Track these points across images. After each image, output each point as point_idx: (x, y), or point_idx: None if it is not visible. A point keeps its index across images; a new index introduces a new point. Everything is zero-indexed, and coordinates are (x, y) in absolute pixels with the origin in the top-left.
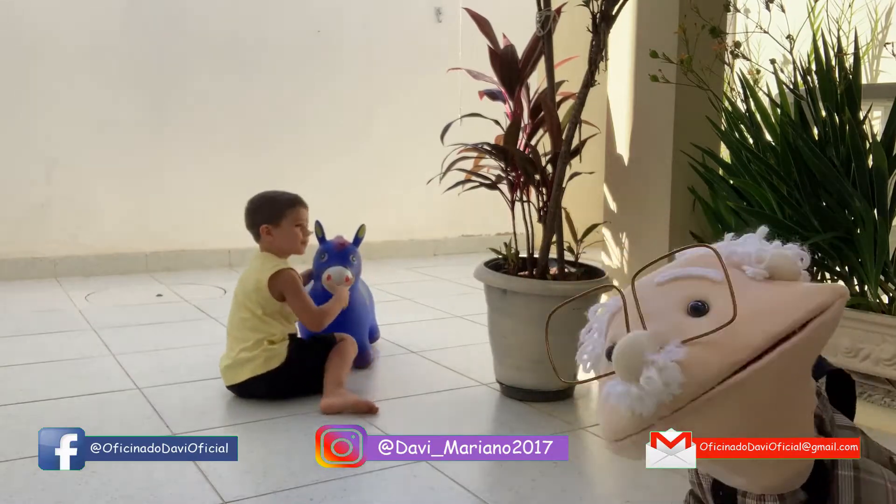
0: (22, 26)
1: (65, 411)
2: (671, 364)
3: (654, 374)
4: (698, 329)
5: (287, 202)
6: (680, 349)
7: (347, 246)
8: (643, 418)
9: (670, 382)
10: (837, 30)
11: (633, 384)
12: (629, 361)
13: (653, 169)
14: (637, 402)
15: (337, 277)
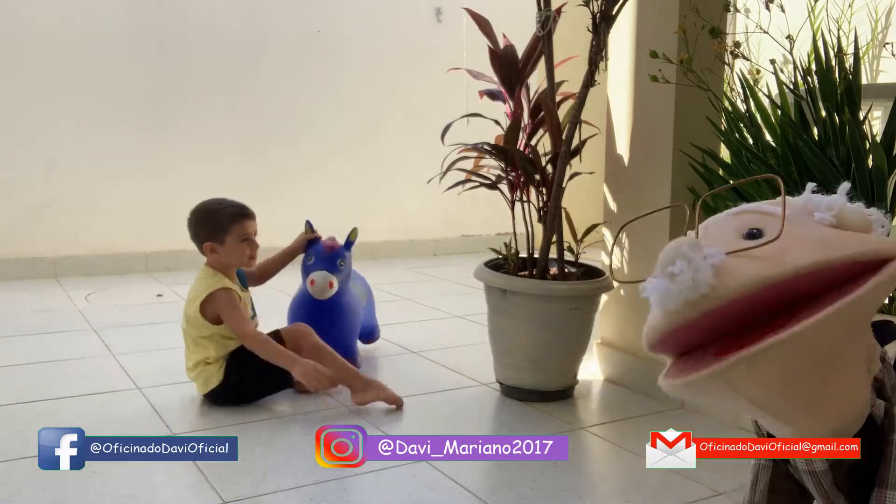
0: (22, 26)
1: (65, 411)
2: (705, 265)
3: (685, 269)
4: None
5: (230, 216)
6: (719, 255)
7: (337, 249)
8: (672, 315)
9: (699, 281)
10: (837, 30)
11: (667, 279)
12: (666, 256)
13: (653, 169)
14: (667, 297)
15: (320, 283)
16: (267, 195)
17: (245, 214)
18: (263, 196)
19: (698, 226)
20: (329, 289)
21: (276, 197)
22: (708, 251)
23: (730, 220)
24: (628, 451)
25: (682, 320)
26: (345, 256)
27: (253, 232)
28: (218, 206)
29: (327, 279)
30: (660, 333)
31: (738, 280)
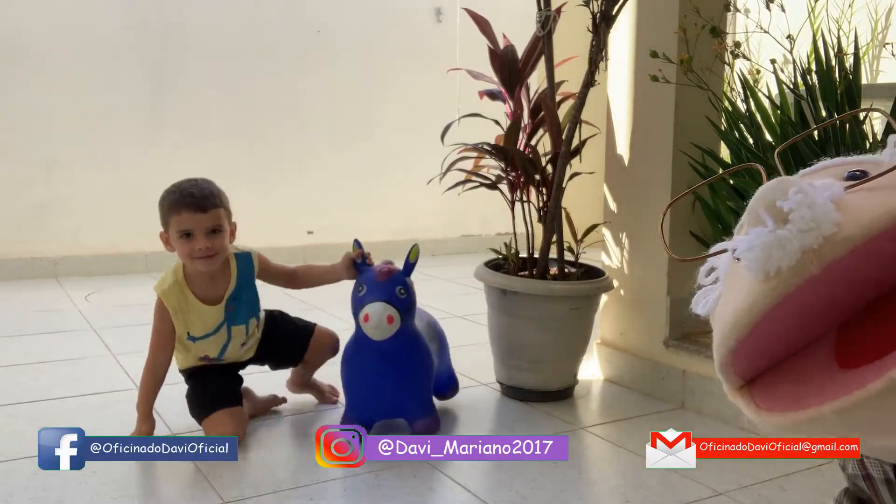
0: (21, 26)
1: (65, 411)
2: (825, 200)
3: (801, 201)
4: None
5: (168, 205)
6: (837, 188)
7: (395, 274)
8: (782, 279)
9: (821, 218)
10: (837, 30)
11: (774, 222)
12: (773, 194)
13: (653, 169)
14: (776, 248)
15: (376, 318)
16: (267, 195)
17: (185, 204)
18: (263, 196)
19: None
20: (389, 324)
21: (276, 196)
22: (822, 182)
23: (822, 172)
24: (628, 451)
25: (795, 282)
26: (406, 284)
27: (198, 227)
28: (167, 192)
29: (385, 312)
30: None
31: (871, 212)
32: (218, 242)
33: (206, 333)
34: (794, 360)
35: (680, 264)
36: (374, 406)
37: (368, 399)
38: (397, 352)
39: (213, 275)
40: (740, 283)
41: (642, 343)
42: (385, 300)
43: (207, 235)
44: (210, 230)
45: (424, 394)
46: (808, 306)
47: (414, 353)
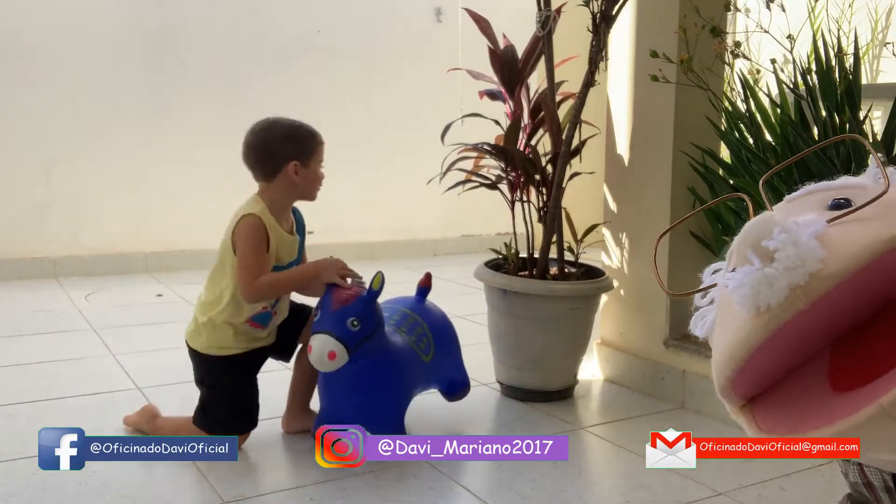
0: (21, 26)
1: (65, 411)
2: (809, 238)
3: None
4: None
5: (316, 137)
6: (819, 224)
7: (350, 303)
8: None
9: (806, 256)
10: (837, 30)
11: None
12: (758, 233)
13: (653, 169)
14: (765, 286)
15: (317, 352)
16: None
17: (321, 138)
18: None
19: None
20: (329, 360)
21: None
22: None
23: (806, 198)
24: (628, 451)
25: (784, 317)
26: (362, 314)
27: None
28: (293, 125)
29: (326, 348)
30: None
31: (853, 247)
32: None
33: (288, 263)
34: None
35: (680, 264)
36: (341, 422)
37: (337, 415)
38: (364, 370)
39: (288, 210)
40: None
41: (642, 343)
42: (332, 332)
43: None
44: None
45: (391, 417)
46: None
47: (383, 371)
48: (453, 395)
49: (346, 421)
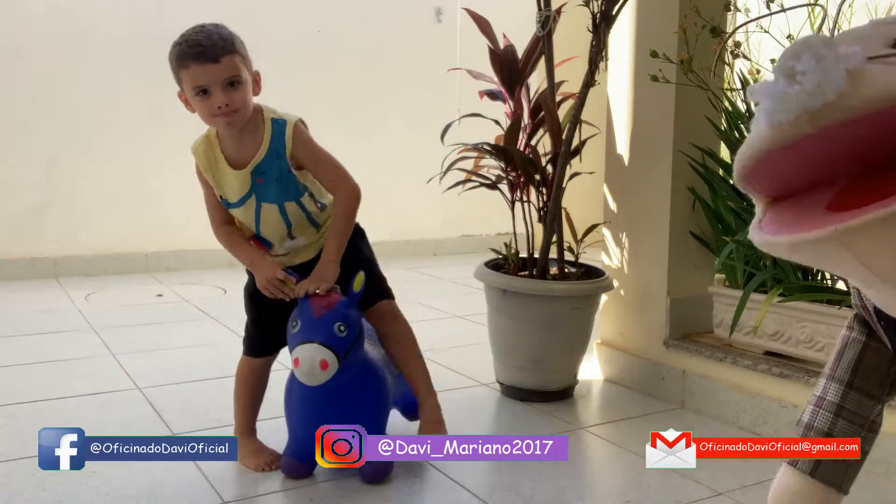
0: (21, 26)
1: (65, 411)
2: (838, 66)
3: (812, 67)
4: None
5: (175, 59)
6: (857, 58)
7: (333, 308)
8: (782, 131)
9: (826, 85)
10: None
11: (786, 79)
12: (794, 51)
13: (653, 169)
14: (779, 103)
15: (307, 364)
16: None
17: (192, 55)
18: None
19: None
20: (322, 370)
21: None
22: (845, 50)
23: (875, 29)
24: (628, 451)
25: (792, 135)
26: (347, 318)
27: (213, 80)
28: (173, 44)
29: (317, 357)
30: (759, 153)
31: (873, 89)
32: (238, 96)
33: (237, 201)
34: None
35: (680, 264)
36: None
37: (311, 436)
38: (340, 387)
39: (241, 135)
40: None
41: (642, 343)
42: (320, 341)
43: (225, 89)
44: (227, 82)
45: (373, 433)
46: (817, 155)
47: (362, 387)
48: (413, 414)
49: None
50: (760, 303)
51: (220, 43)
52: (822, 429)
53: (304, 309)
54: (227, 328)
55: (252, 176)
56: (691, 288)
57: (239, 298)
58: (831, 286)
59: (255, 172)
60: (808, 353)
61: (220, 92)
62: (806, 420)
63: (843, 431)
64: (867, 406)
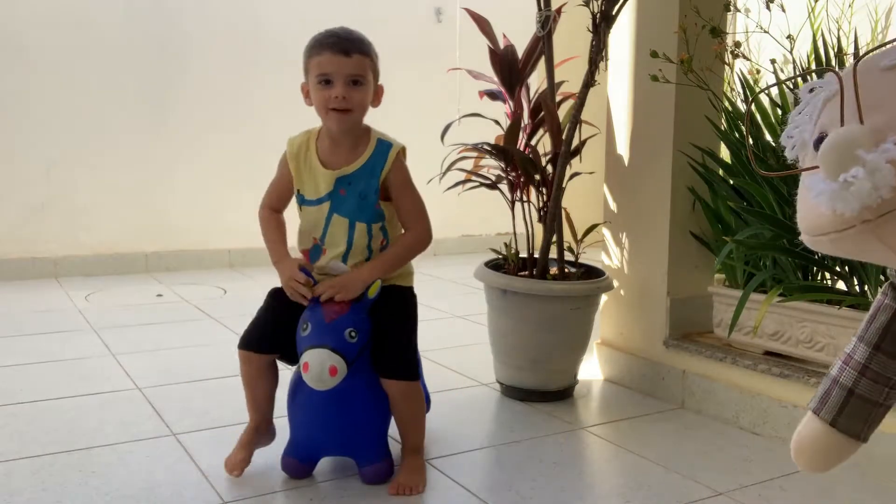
0: (20, 26)
1: (65, 411)
2: (885, 165)
3: (862, 174)
4: None
5: (308, 48)
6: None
7: (345, 313)
8: (844, 219)
9: (881, 185)
10: (837, 30)
11: (839, 183)
12: (839, 158)
13: (653, 169)
14: (840, 203)
15: (316, 369)
16: None
17: (327, 44)
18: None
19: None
20: (331, 377)
21: None
22: (885, 145)
23: (889, 81)
24: (628, 451)
25: (856, 222)
26: (359, 324)
27: (339, 72)
28: (314, 36)
29: (327, 363)
30: (827, 230)
31: None
32: (357, 96)
33: (313, 200)
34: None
35: (680, 264)
36: (319, 444)
37: (312, 436)
38: (344, 388)
39: (341, 141)
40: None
41: (642, 343)
42: (331, 347)
43: (347, 85)
44: (351, 79)
45: (377, 435)
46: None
47: (365, 388)
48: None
49: (327, 445)
50: (760, 303)
51: (357, 42)
52: (847, 385)
53: (316, 312)
54: (227, 328)
55: (337, 183)
56: (691, 288)
57: (239, 298)
58: (831, 286)
59: (341, 180)
60: (807, 353)
61: (342, 86)
62: (833, 374)
63: (865, 389)
64: (892, 368)
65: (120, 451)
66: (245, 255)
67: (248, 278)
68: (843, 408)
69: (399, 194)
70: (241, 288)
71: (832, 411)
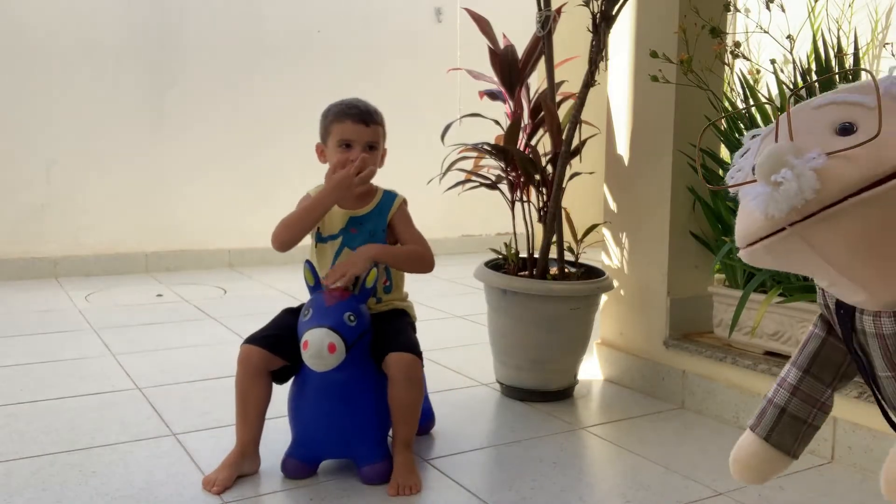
0: (21, 27)
1: (65, 411)
2: (808, 171)
3: (790, 176)
4: (842, 146)
5: (333, 115)
6: (820, 158)
7: (345, 298)
8: (775, 220)
9: (805, 187)
10: (837, 30)
11: (771, 186)
12: (771, 164)
13: (653, 169)
14: (772, 204)
15: (316, 345)
16: (267, 195)
17: (350, 115)
18: (263, 195)
19: (788, 124)
20: (330, 354)
21: (276, 196)
22: (809, 155)
23: (817, 116)
24: (628, 451)
25: (784, 223)
26: (358, 310)
27: (358, 139)
28: (333, 105)
29: (326, 340)
30: (760, 235)
31: (841, 182)
32: (371, 159)
33: (327, 237)
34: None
35: (680, 265)
36: (321, 444)
37: (314, 436)
38: (346, 386)
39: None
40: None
41: (642, 343)
42: (330, 326)
43: (364, 149)
44: (368, 145)
45: (376, 434)
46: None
47: (366, 387)
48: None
49: (328, 446)
50: (760, 303)
51: (374, 114)
52: (780, 404)
53: (317, 299)
54: (227, 328)
55: (349, 222)
56: (691, 288)
57: (239, 298)
58: None
59: (353, 220)
60: None
61: (360, 150)
62: (769, 396)
63: (795, 408)
64: (819, 390)
65: (120, 451)
66: (245, 255)
67: (248, 278)
68: (776, 425)
69: (404, 229)
70: (241, 288)
71: (766, 428)
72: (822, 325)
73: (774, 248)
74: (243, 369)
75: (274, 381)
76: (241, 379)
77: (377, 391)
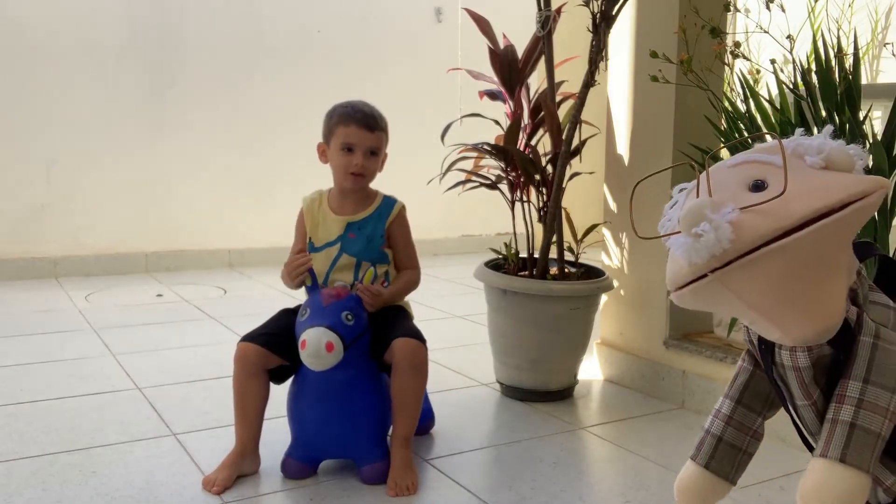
0: (21, 27)
1: (65, 411)
2: (724, 223)
3: (709, 229)
4: (754, 201)
5: (338, 117)
6: (734, 213)
7: (342, 298)
8: (697, 267)
9: (722, 238)
10: (837, 30)
11: (692, 237)
12: (692, 218)
13: (653, 169)
14: (693, 253)
15: (314, 344)
16: (267, 195)
17: (355, 119)
18: (263, 195)
19: (707, 182)
20: (328, 352)
21: (276, 196)
22: (724, 210)
23: (732, 173)
24: (628, 451)
25: (706, 270)
26: (355, 309)
27: (361, 144)
28: (338, 106)
29: (324, 339)
30: (686, 280)
31: (754, 234)
32: (372, 164)
33: (321, 246)
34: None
35: None
36: (320, 444)
37: (314, 437)
38: (345, 386)
39: (351, 196)
40: (677, 257)
41: (642, 343)
42: (327, 325)
43: (366, 154)
44: (370, 150)
45: (375, 434)
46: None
47: (365, 387)
48: (421, 429)
49: (328, 446)
50: None
51: (379, 119)
52: (716, 434)
53: (315, 299)
54: (227, 328)
55: (347, 228)
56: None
57: (239, 298)
58: None
59: (351, 225)
60: None
61: (362, 155)
62: (706, 426)
63: (730, 437)
64: (751, 419)
65: (120, 451)
66: (245, 255)
67: (248, 278)
68: (714, 453)
69: (400, 238)
70: (241, 288)
71: (706, 457)
72: (749, 360)
73: (699, 292)
74: (240, 367)
75: (272, 381)
76: (239, 377)
77: (377, 391)
